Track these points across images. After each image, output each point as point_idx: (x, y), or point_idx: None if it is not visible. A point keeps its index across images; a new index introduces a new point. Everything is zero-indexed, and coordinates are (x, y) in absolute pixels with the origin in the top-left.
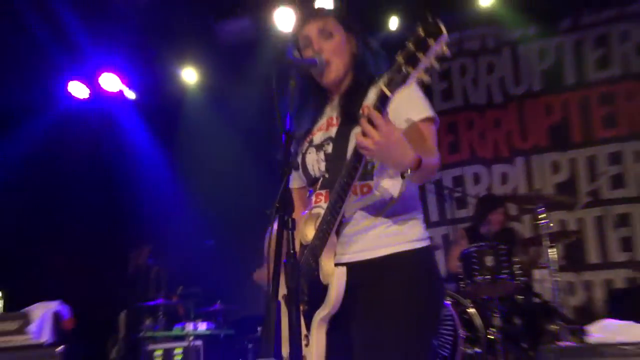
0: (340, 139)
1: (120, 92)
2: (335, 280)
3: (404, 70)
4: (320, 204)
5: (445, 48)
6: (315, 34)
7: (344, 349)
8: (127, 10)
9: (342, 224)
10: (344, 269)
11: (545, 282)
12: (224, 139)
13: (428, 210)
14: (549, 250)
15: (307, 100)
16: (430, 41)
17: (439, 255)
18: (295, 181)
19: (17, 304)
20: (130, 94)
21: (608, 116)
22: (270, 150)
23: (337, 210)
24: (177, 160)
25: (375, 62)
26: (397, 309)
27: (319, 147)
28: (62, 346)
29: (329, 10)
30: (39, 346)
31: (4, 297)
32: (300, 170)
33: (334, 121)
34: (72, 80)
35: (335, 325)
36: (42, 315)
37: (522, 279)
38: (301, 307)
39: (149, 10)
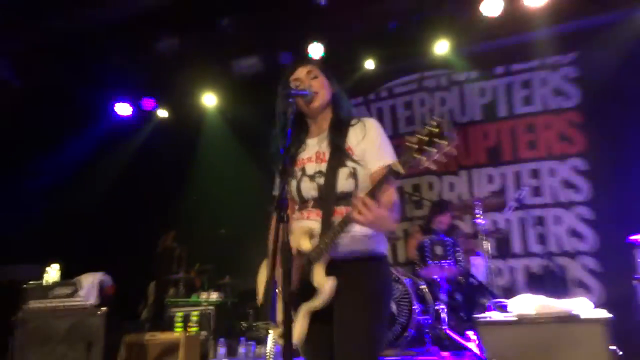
0: (330, 175)
1: (155, 111)
2: (327, 288)
3: (415, 156)
4: (312, 218)
5: (453, 150)
6: (304, 75)
7: (323, 330)
8: (163, 47)
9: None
10: (334, 281)
11: (480, 267)
12: (235, 151)
13: None
14: (484, 243)
15: (295, 125)
16: (439, 141)
17: (400, 245)
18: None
19: (71, 274)
20: (163, 113)
21: (530, 141)
22: (270, 160)
23: (330, 243)
24: (198, 166)
25: (346, 103)
26: (364, 294)
27: (312, 178)
28: (105, 308)
29: (314, 60)
30: (88, 307)
31: (61, 268)
32: (295, 190)
33: (322, 156)
34: (118, 102)
35: (316, 316)
36: (90, 283)
37: (462, 264)
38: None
39: (180, 47)
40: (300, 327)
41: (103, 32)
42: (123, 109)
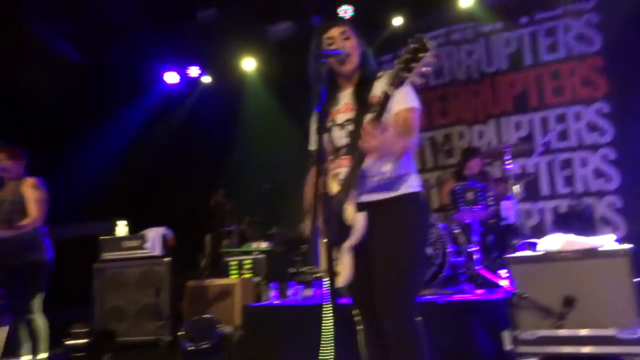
0: (358, 121)
1: (200, 77)
2: (358, 222)
3: (401, 75)
4: (344, 166)
5: (431, 59)
6: (337, 35)
7: (363, 267)
8: (204, 17)
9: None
10: (364, 214)
11: (511, 209)
12: (274, 110)
13: (425, 159)
14: (513, 187)
15: (328, 82)
16: (421, 54)
17: (434, 192)
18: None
19: (136, 229)
20: (207, 79)
21: (556, 88)
22: (307, 117)
23: (355, 176)
24: (242, 127)
25: (372, 61)
26: (400, 230)
27: (342, 126)
28: (169, 258)
29: (347, 20)
30: (154, 257)
31: (129, 224)
32: (328, 141)
33: (350, 107)
34: (166, 71)
35: (357, 251)
36: (154, 236)
37: (493, 208)
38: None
39: (220, 16)
40: (346, 267)
41: (149, 7)
42: (171, 77)
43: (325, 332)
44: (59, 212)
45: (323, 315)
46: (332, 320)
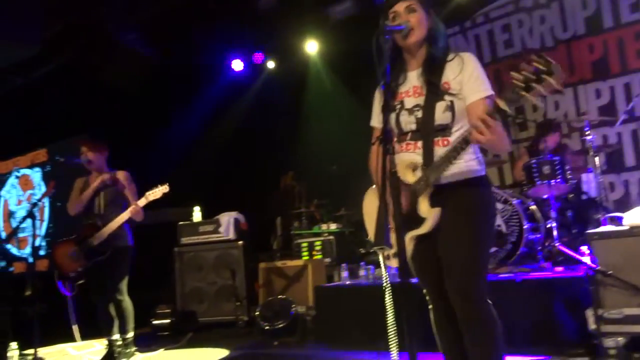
0: (428, 108)
1: (265, 63)
2: (432, 217)
3: (520, 93)
4: (411, 150)
5: (555, 84)
6: (402, 9)
7: (428, 250)
8: (264, 3)
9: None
10: (439, 211)
11: (592, 183)
12: (339, 91)
13: None
14: (594, 159)
15: (394, 59)
16: (546, 77)
17: (506, 168)
18: (377, 122)
19: (210, 214)
20: (272, 64)
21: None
22: (371, 98)
23: (439, 172)
24: (308, 110)
25: (442, 38)
26: (467, 212)
27: (410, 111)
28: (241, 241)
29: None
30: (227, 241)
31: (202, 210)
32: (394, 123)
33: (419, 90)
34: (232, 58)
35: (421, 239)
36: (227, 220)
37: (572, 181)
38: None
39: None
40: (408, 247)
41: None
42: (237, 65)
43: (390, 311)
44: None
45: (387, 295)
46: (399, 300)
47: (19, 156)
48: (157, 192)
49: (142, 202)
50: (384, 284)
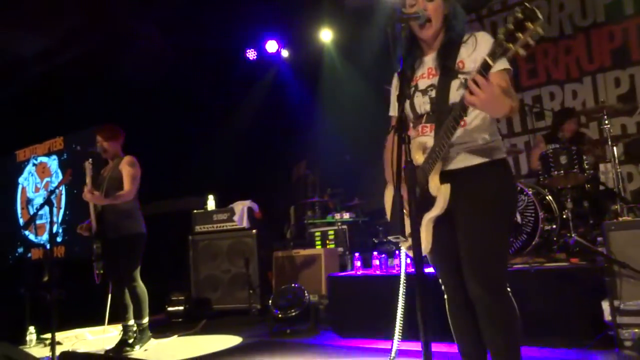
0: (442, 87)
1: (278, 52)
2: (443, 193)
3: (504, 45)
4: (427, 133)
5: (540, 30)
6: None
7: (448, 236)
8: None
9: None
10: (448, 186)
11: (609, 173)
12: (354, 80)
13: (513, 122)
14: (613, 149)
15: (409, 48)
16: (528, 24)
17: (522, 158)
18: (394, 111)
19: (224, 203)
20: (285, 53)
21: None
22: (386, 87)
23: (444, 144)
24: (321, 99)
25: (460, 23)
26: (487, 197)
27: (424, 92)
28: (255, 230)
29: None
30: (241, 229)
31: (215, 198)
32: (409, 107)
33: (433, 71)
34: (247, 47)
35: (440, 221)
36: (241, 209)
37: (590, 172)
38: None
39: None
40: (425, 236)
41: None
42: (251, 53)
43: (402, 301)
44: (157, 189)
45: (401, 285)
46: (414, 290)
47: (37, 144)
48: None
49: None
50: (400, 274)
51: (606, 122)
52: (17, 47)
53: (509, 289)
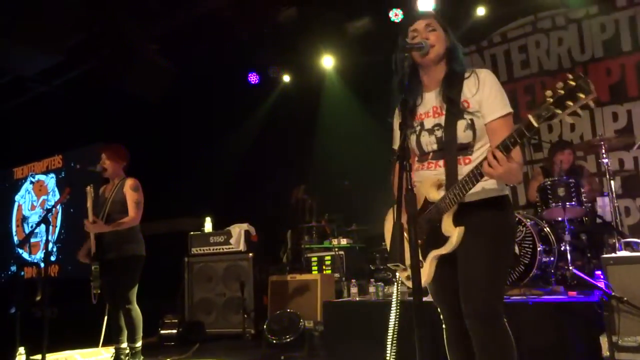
0: (449, 127)
1: (281, 77)
2: (456, 236)
3: (552, 110)
4: (433, 169)
5: (591, 103)
6: (422, 27)
7: (447, 270)
8: (284, 17)
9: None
10: (463, 229)
11: (607, 206)
12: (354, 107)
13: None
14: (610, 182)
15: (411, 78)
16: (581, 95)
17: (520, 188)
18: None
19: (221, 225)
20: (286, 78)
21: None
22: (387, 113)
23: (459, 196)
24: (321, 124)
25: (460, 57)
26: (488, 230)
27: (431, 131)
28: (251, 253)
29: (433, 13)
30: (237, 252)
31: (212, 220)
32: (415, 145)
33: (439, 110)
34: (249, 72)
35: (442, 259)
36: (238, 232)
37: (587, 205)
38: (420, 242)
39: (298, 16)
40: (428, 270)
41: (231, 11)
42: (253, 78)
43: (393, 329)
44: (153, 210)
45: (393, 313)
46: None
47: (35, 162)
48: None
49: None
50: (394, 302)
51: (604, 155)
52: (17, 65)
53: (505, 320)
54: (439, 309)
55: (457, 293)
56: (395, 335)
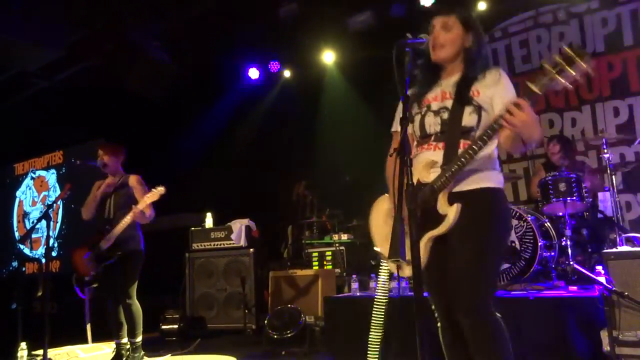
0: (455, 110)
1: (281, 72)
2: (453, 213)
3: (552, 76)
4: (433, 151)
5: (590, 70)
6: (438, 25)
7: (442, 258)
8: (284, 12)
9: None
10: (459, 205)
11: (608, 201)
12: (354, 102)
13: None
14: (612, 177)
15: (421, 69)
16: (578, 61)
17: (521, 184)
18: (397, 126)
19: (222, 221)
20: (287, 73)
21: None
22: (388, 107)
23: (463, 163)
24: (322, 120)
25: (482, 62)
26: (482, 222)
27: (436, 113)
28: (252, 249)
29: (458, 10)
30: (238, 248)
31: (213, 216)
32: (418, 126)
33: (448, 95)
34: (249, 67)
35: (436, 242)
36: (239, 227)
37: (588, 200)
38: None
39: (299, 10)
40: (422, 252)
41: (231, 7)
42: (253, 73)
43: (377, 324)
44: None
45: (378, 307)
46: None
47: (36, 157)
48: (155, 193)
49: (141, 205)
50: (377, 297)
51: (605, 151)
52: (19, 61)
53: (494, 311)
54: (433, 307)
55: (448, 284)
56: (380, 332)
